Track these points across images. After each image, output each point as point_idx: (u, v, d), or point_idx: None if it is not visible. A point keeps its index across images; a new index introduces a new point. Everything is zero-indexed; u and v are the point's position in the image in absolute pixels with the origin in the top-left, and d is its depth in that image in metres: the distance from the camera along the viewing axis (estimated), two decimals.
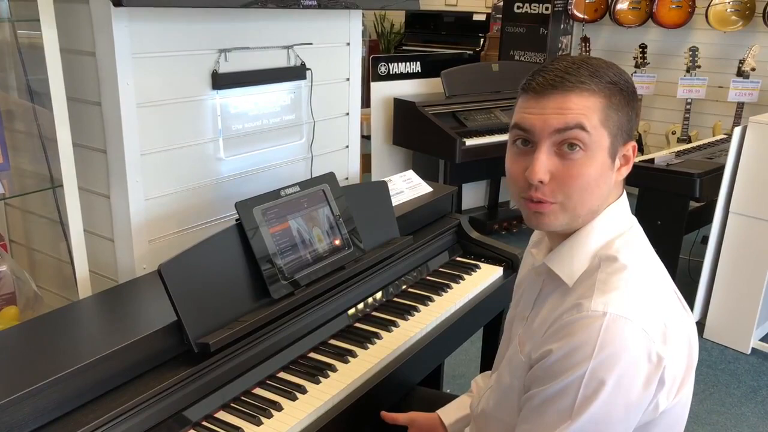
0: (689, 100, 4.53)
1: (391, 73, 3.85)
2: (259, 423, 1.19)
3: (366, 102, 3.85)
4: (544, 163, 0.93)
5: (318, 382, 1.31)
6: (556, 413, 0.89)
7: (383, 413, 1.34)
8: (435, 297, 1.68)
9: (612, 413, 0.87)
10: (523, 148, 0.96)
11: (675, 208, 2.95)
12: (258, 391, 1.28)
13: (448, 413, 1.32)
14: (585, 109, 0.91)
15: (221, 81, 1.70)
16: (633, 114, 0.97)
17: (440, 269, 1.85)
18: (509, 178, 0.99)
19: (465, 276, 1.81)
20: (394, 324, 1.53)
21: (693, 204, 3.03)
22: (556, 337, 0.91)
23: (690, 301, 3.01)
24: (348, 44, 2.10)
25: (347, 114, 2.17)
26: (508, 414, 1.04)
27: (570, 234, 0.99)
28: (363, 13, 2.21)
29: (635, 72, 4.78)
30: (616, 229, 0.98)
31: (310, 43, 1.93)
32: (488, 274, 1.83)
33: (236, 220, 1.37)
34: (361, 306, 1.59)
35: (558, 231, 1.00)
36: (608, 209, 0.99)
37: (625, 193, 1.03)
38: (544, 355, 0.92)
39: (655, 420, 0.93)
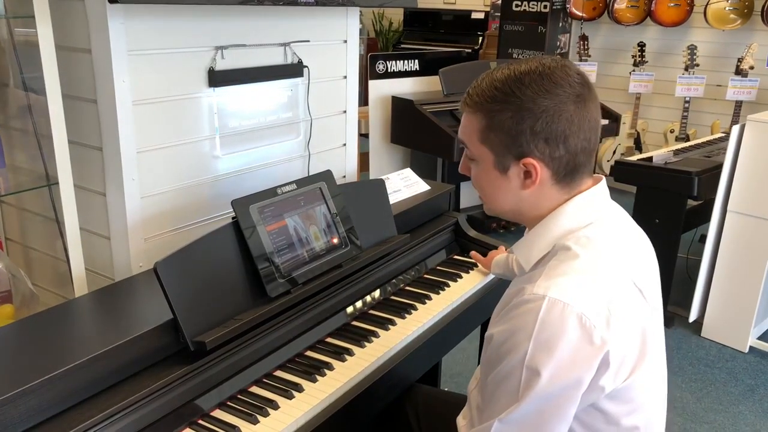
0: (687, 99, 4.53)
1: (389, 71, 3.84)
2: (255, 421, 1.18)
3: (364, 100, 3.85)
4: (462, 163, 1.11)
5: (315, 381, 1.30)
6: (505, 395, 0.94)
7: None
8: (432, 295, 1.67)
9: (555, 393, 0.91)
10: None
11: (673, 207, 2.95)
12: (255, 389, 1.28)
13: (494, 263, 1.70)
14: (467, 128, 1.05)
15: (218, 78, 1.69)
16: (528, 131, 0.98)
17: (438, 267, 1.85)
18: None
19: (462, 274, 1.80)
20: (392, 322, 1.53)
21: (691, 202, 3.03)
22: (501, 321, 0.97)
23: (688, 299, 3.03)
24: (345, 42, 2.09)
25: (344, 112, 2.16)
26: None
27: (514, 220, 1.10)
28: (361, 11, 2.20)
29: (633, 70, 4.78)
30: (581, 220, 1.02)
31: (308, 41, 1.93)
32: (486, 273, 1.82)
33: (233, 218, 1.36)
34: (358, 304, 1.59)
35: (506, 218, 1.12)
36: (573, 201, 1.03)
37: (599, 185, 1.06)
38: (489, 339, 0.98)
39: (602, 400, 0.96)
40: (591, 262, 0.97)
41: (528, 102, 0.97)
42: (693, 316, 3.03)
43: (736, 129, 2.75)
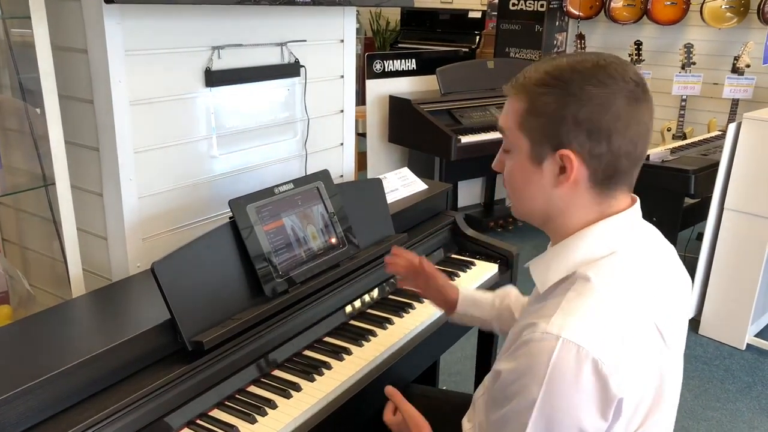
0: (684, 97, 4.54)
1: (386, 70, 3.84)
2: (253, 421, 1.18)
3: (361, 99, 3.85)
4: (498, 156, 1.02)
5: (313, 380, 1.31)
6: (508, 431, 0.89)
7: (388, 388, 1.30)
8: None
9: None
10: None
11: (670, 205, 2.95)
12: (253, 389, 1.28)
13: (465, 302, 1.40)
14: (507, 113, 0.97)
15: (214, 78, 1.69)
16: (571, 120, 0.89)
17: (436, 266, 1.84)
18: None
19: (460, 273, 1.80)
20: (389, 321, 1.53)
21: (688, 200, 3.03)
22: (510, 358, 0.90)
23: None
24: (342, 41, 2.09)
25: (342, 111, 2.16)
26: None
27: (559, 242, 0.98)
28: (358, 11, 2.20)
29: None
30: (606, 247, 0.94)
31: (304, 40, 1.93)
32: (484, 271, 1.83)
33: (230, 217, 1.36)
34: (356, 303, 1.59)
35: (526, 221, 1.03)
36: (600, 225, 0.95)
37: (632, 210, 0.98)
38: (497, 375, 0.92)
39: None
40: (611, 300, 0.89)
41: (575, 87, 0.89)
42: (690, 314, 3.04)
43: (732, 127, 2.75)
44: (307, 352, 1.41)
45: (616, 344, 0.86)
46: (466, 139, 3.54)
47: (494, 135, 3.65)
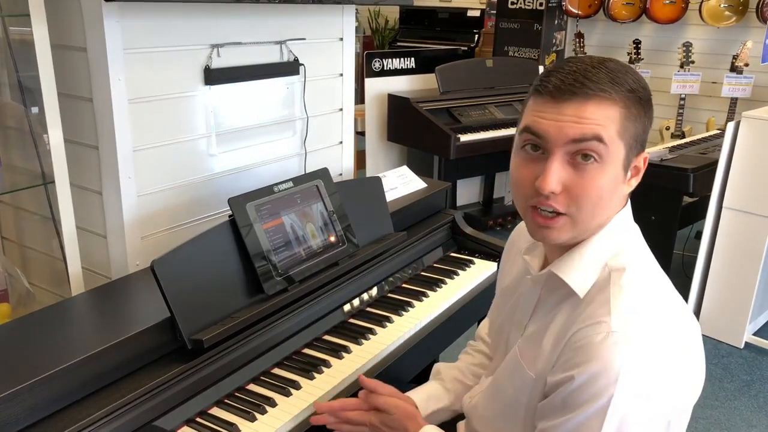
0: (683, 96, 4.54)
1: (385, 69, 3.84)
2: (253, 419, 1.19)
3: (360, 98, 3.85)
4: (557, 173, 0.88)
5: (312, 378, 1.31)
6: None
7: (360, 377, 1.24)
8: (429, 293, 1.68)
9: None
10: (534, 154, 0.91)
11: (669, 204, 2.96)
12: (252, 387, 1.28)
13: (422, 404, 1.24)
14: (604, 119, 0.87)
15: (214, 76, 1.69)
16: (649, 124, 0.93)
17: (435, 265, 1.85)
18: (515, 184, 0.95)
19: (459, 271, 1.81)
20: (389, 320, 1.53)
21: (687, 199, 3.03)
22: (575, 361, 0.87)
23: (683, 296, 3.01)
24: (341, 39, 2.09)
25: (341, 110, 2.16)
26: (512, 427, 1.02)
27: (574, 243, 0.95)
28: (357, 9, 2.20)
29: None
30: (623, 238, 0.95)
31: (303, 39, 1.93)
32: (483, 270, 1.83)
33: (229, 216, 1.36)
34: (355, 302, 1.59)
35: (576, 241, 0.95)
36: (616, 218, 0.95)
37: (629, 201, 1.00)
38: (565, 380, 0.87)
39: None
40: (653, 288, 0.92)
41: (647, 92, 0.92)
42: None
43: (731, 126, 2.75)
44: (307, 351, 1.41)
45: (670, 331, 0.88)
46: (465, 138, 3.54)
47: (493, 133, 3.65)
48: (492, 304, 1.23)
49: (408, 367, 1.51)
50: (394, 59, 3.88)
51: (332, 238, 1.55)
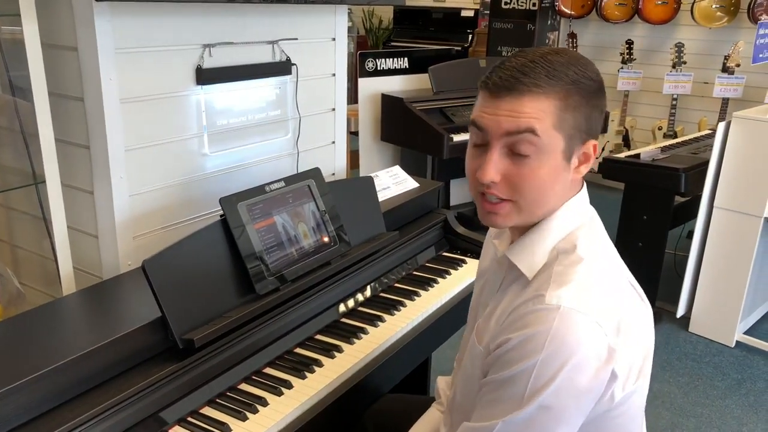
0: (675, 96, 4.56)
1: (378, 69, 3.85)
2: (244, 418, 1.19)
3: (354, 98, 3.85)
4: (494, 164, 0.94)
5: (304, 378, 1.31)
6: (507, 400, 0.91)
7: None
8: (421, 292, 1.68)
9: (562, 403, 0.89)
10: (479, 146, 0.97)
11: (661, 203, 2.97)
12: (244, 386, 1.28)
13: None
14: (538, 112, 0.91)
15: (205, 76, 1.69)
16: (595, 112, 0.96)
17: (427, 264, 1.85)
18: (467, 173, 1.01)
19: (451, 271, 1.81)
20: (381, 319, 1.54)
21: (679, 199, 3.05)
22: (512, 328, 0.93)
23: (675, 295, 3.05)
24: (334, 39, 2.09)
25: (333, 109, 2.16)
26: (472, 404, 1.04)
27: (530, 226, 1.00)
28: (351, 9, 2.20)
29: (622, 68, 4.80)
30: (575, 221, 0.99)
31: (295, 39, 1.93)
32: (475, 269, 1.83)
33: (221, 215, 1.36)
34: (347, 301, 1.59)
35: (525, 224, 1.01)
36: (569, 202, 0.99)
37: (585, 185, 1.03)
38: (501, 344, 0.93)
39: (611, 409, 0.94)
40: (596, 265, 0.95)
41: (593, 81, 0.95)
42: (680, 312, 3.06)
43: (722, 126, 2.77)
44: (299, 350, 1.41)
45: (609, 307, 0.91)
46: (458, 138, 3.55)
47: None
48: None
49: (400, 366, 1.51)
50: (387, 59, 3.88)
51: (324, 238, 1.55)
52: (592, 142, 0.97)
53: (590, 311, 0.89)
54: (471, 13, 6.00)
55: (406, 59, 3.96)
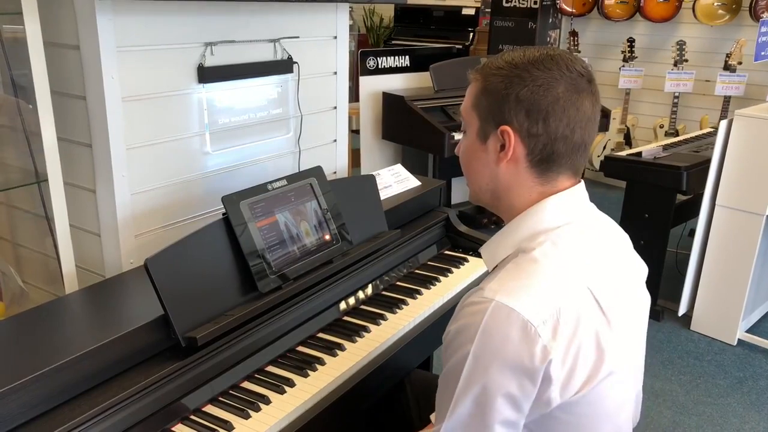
0: (677, 94, 4.56)
1: (379, 67, 3.84)
2: (247, 416, 1.19)
3: (355, 96, 3.84)
4: (459, 143, 1.10)
5: (306, 376, 1.31)
6: (448, 395, 0.93)
7: None
8: (423, 290, 1.68)
9: (493, 398, 0.90)
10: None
11: (662, 202, 2.97)
12: (246, 384, 1.28)
13: None
14: (467, 94, 1.04)
15: (207, 75, 1.69)
16: (515, 103, 0.97)
17: (429, 263, 1.85)
18: None
19: (453, 269, 1.81)
20: (383, 317, 1.54)
21: (680, 197, 3.05)
22: (453, 320, 0.97)
23: (677, 293, 3.05)
24: (335, 38, 2.09)
25: (335, 108, 2.16)
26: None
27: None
28: (352, 7, 2.20)
29: (623, 66, 4.80)
30: (545, 224, 1.00)
31: (297, 37, 1.93)
32: (476, 268, 1.83)
33: (223, 214, 1.37)
34: (349, 300, 1.59)
35: (477, 203, 1.10)
36: (544, 203, 1.00)
37: (577, 188, 1.02)
38: (444, 335, 0.98)
39: (551, 413, 0.92)
40: (547, 268, 0.94)
41: (522, 70, 0.97)
42: (682, 310, 3.06)
43: (724, 124, 2.77)
44: (301, 348, 1.41)
45: (547, 308, 0.91)
46: (459, 136, 3.55)
47: None
48: None
49: (402, 364, 1.52)
50: (388, 57, 3.88)
51: (326, 236, 1.55)
52: (503, 127, 0.98)
53: (523, 309, 0.89)
54: (472, 12, 5.99)
55: (407, 57, 3.95)
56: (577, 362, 0.92)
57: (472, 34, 5.95)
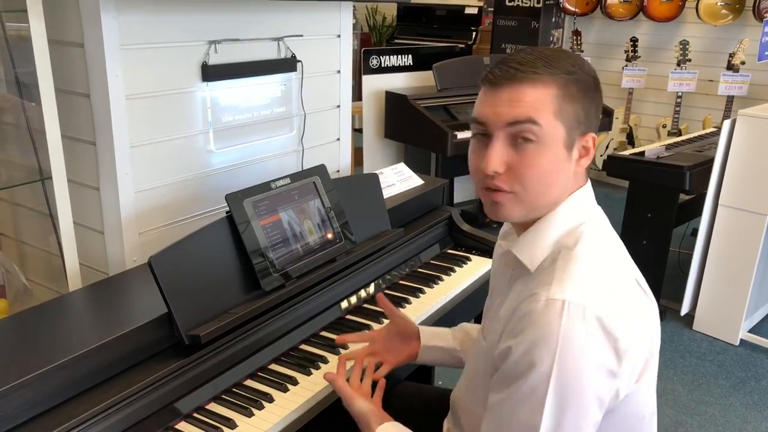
0: (680, 94, 4.55)
1: (382, 66, 3.84)
2: (250, 414, 1.19)
3: (358, 95, 3.85)
4: (497, 154, 0.94)
5: (309, 374, 1.31)
6: (530, 411, 0.88)
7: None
8: (426, 289, 1.68)
9: (584, 406, 0.87)
10: (482, 140, 0.97)
11: (665, 201, 2.96)
12: (249, 382, 1.28)
13: (427, 334, 1.34)
14: (537, 102, 0.92)
15: (211, 73, 1.69)
16: (592, 106, 0.97)
17: (431, 261, 1.85)
18: (471, 170, 1.01)
19: (456, 268, 1.81)
20: (385, 316, 1.54)
21: (683, 197, 3.04)
22: (514, 331, 0.90)
23: (679, 292, 3.05)
24: (339, 36, 2.09)
25: (338, 106, 2.16)
26: (477, 403, 1.04)
27: (535, 221, 1.00)
28: (355, 6, 2.20)
29: (626, 65, 4.79)
30: (578, 218, 0.98)
31: (301, 35, 1.93)
32: (479, 266, 1.83)
33: (227, 212, 1.37)
34: (352, 298, 1.59)
35: (518, 221, 1.01)
36: (571, 198, 0.99)
37: (589, 182, 1.03)
38: (506, 353, 0.91)
39: (616, 407, 0.92)
40: (597, 262, 0.93)
41: (589, 75, 0.96)
42: (685, 310, 3.05)
43: (727, 124, 2.76)
44: (304, 346, 1.41)
45: (613, 300, 0.90)
46: (462, 135, 3.54)
47: None
48: None
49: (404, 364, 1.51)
50: (391, 56, 3.88)
51: (329, 235, 1.56)
52: (590, 135, 0.98)
53: (594, 304, 0.87)
54: (475, 11, 5.99)
55: (410, 56, 3.95)
56: (641, 351, 0.92)
57: (474, 33, 5.95)
